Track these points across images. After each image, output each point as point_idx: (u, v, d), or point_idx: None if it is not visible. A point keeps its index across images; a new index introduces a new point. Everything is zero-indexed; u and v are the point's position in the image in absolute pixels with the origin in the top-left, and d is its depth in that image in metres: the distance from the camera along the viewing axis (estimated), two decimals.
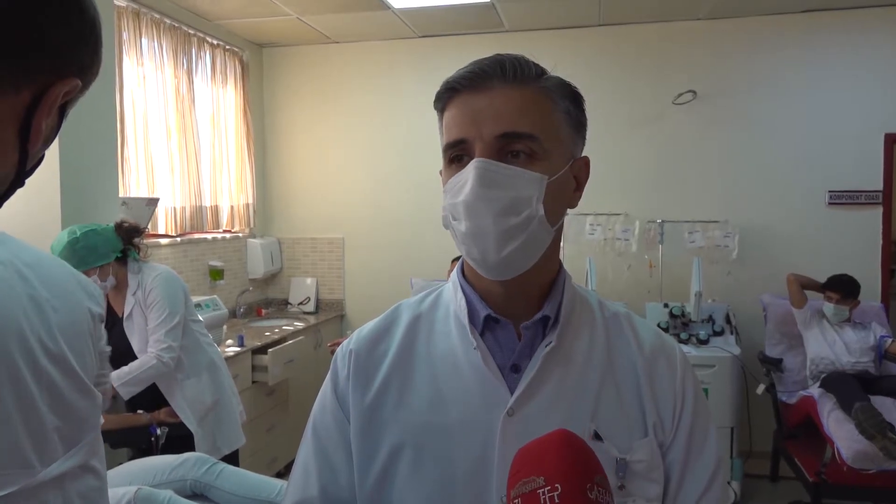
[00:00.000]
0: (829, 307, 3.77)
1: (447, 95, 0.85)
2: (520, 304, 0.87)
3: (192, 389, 2.67)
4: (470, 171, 0.80)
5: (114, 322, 2.58)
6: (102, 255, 2.51)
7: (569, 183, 0.87)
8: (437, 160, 0.89)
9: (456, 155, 0.84)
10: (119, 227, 2.60)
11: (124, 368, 2.52)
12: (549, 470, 0.65)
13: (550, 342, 0.85)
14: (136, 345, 2.58)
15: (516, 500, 0.66)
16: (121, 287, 2.62)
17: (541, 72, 0.85)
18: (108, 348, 2.38)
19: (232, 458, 2.82)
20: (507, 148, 0.81)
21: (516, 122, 0.81)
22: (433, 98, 0.87)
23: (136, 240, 2.65)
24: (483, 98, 0.82)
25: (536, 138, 0.81)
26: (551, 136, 0.83)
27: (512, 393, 0.84)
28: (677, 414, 0.86)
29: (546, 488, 0.64)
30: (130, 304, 2.59)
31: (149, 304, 2.56)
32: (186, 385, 2.66)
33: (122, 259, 2.61)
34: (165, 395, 2.63)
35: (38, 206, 2.82)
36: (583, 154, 0.90)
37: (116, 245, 2.56)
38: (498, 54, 0.84)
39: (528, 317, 0.87)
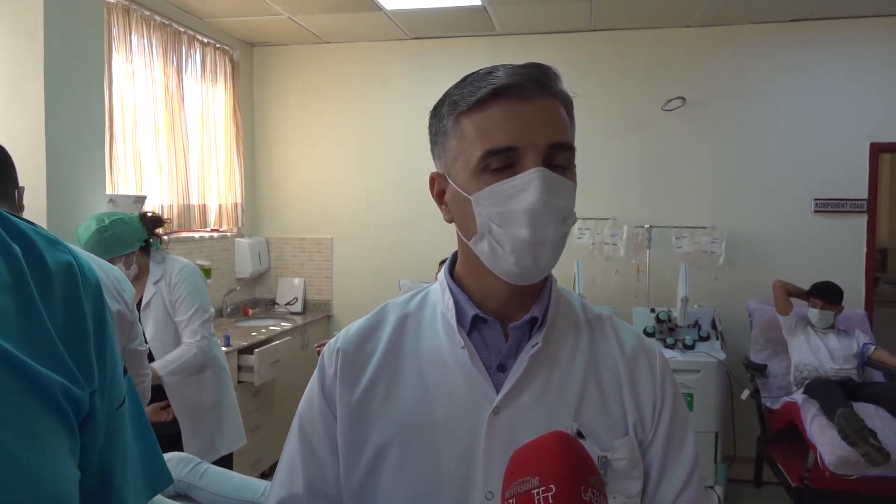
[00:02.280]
0: (814, 313, 3.80)
1: (486, 98, 0.82)
2: (514, 305, 0.89)
3: (193, 387, 2.67)
4: (533, 180, 0.79)
5: None
6: (128, 243, 2.55)
7: None
8: (428, 162, 0.89)
9: (503, 162, 0.82)
10: (143, 217, 2.66)
11: (167, 358, 2.55)
12: (543, 470, 0.66)
13: (537, 343, 0.87)
14: (149, 332, 2.59)
15: (511, 501, 0.66)
16: (140, 276, 2.66)
17: None
18: (145, 347, 2.37)
19: (227, 460, 2.83)
20: (553, 158, 0.82)
21: (562, 133, 0.83)
22: (424, 99, 0.87)
23: (159, 230, 2.71)
24: (530, 106, 0.81)
25: (574, 150, 0.84)
26: (573, 149, 0.86)
27: (498, 392, 0.85)
28: (657, 414, 0.88)
29: (540, 489, 0.65)
30: (150, 293, 2.62)
31: (177, 297, 2.60)
32: (188, 382, 2.66)
33: (145, 248, 2.65)
34: (167, 390, 2.63)
35: (24, 201, 2.80)
36: None
37: (141, 234, 2.60)
38: (535, 63, 0.83)
39: (516, 317, 0.88)
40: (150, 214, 2.68)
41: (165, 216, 2.81)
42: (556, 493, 0.64)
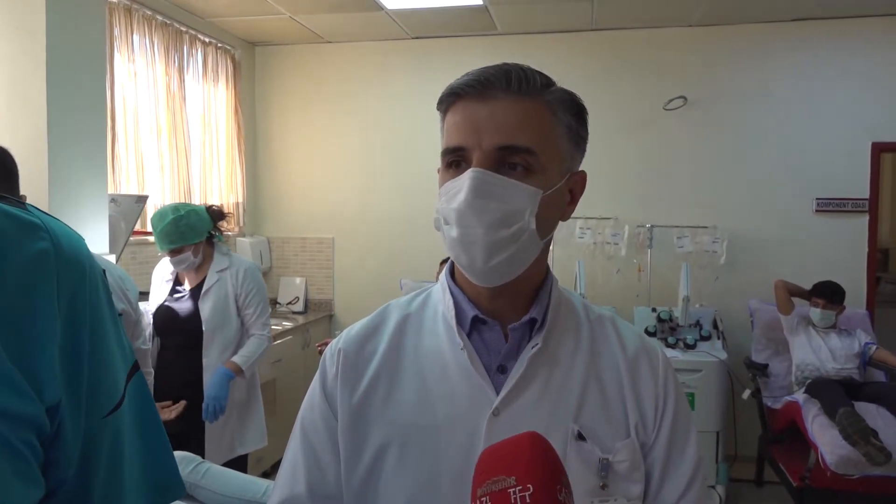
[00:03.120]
0: (815, 312, 3.80)
1: (450, 99, 0.85)
2: (507, 306, 0.88)
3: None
4: (465, 180, 0.80)
5: (175, 292, 2.85)
6: (199, 233, 2.73)
7: (563, 197, 0.88)
8: (429, 162, 0.89)
9: (453, 160, 0.84)
10: (210, 209, 2.84)
11: (244, 354, 2.81)
12: (520, 470, 0.65)
13: (536, 344, 0.86)
14: (206, 314, 2.77)
15: (483, 499, 0.66)
16: (203, 264, 2.83)
17: (546, 83, 0.85)
18: (148, 345, 2.48)
19: (241, 458, 2.91)
20: (505, 160, 0.81)
21: (516, 136, 0.81)
22: (425, 99, 0.88)
23: (222, 223, 2.89)
24: (485, 107, 0.82)
25: (534, 153, 0.81)
26: (549, 151, 0.83)
27: (498, 393, 0.85)
28: (659, 415, 0.88)
29: (517, 488, 0.64)
30: (213, 280, 2.81)
31: (246, 292, 2.85)
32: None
33: (208, 239, 2.84)
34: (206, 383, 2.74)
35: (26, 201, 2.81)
36: (580, 166, 0.91)
37: (209, 226, 2.79)
38: (504, 63, 0.84)
39: (515, 318, 0.87)
40: (214, 208, 2.87)
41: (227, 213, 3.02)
42: (534, 492, 0.64)
